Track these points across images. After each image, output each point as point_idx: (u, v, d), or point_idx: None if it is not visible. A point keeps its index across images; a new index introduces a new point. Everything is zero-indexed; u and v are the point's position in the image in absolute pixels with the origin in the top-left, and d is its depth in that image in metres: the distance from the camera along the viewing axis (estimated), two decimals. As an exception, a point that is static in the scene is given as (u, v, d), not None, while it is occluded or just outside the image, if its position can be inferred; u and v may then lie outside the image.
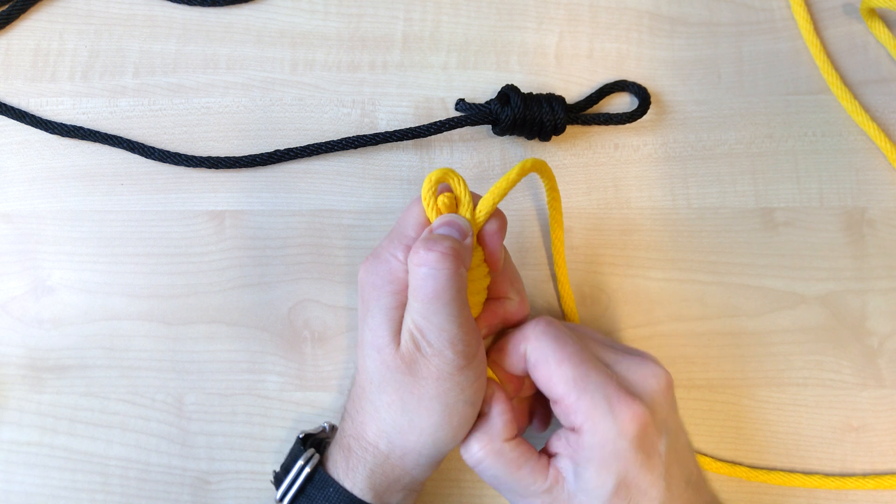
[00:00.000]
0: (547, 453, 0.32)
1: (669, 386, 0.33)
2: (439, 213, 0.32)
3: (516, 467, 0.31)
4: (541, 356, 0.32)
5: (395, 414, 0.32)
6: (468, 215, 0.32)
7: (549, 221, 0.40)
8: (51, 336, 0.41)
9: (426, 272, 0.30)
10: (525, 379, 0.35)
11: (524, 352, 0.33)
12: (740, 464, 0.40)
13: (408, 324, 0.31)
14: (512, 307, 0.34)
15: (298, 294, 0.41)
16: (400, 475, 0.32)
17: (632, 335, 0.41)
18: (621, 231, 0.42)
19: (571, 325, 0.36)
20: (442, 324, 0.30)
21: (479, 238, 0.33)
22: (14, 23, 0.44)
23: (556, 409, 0.32)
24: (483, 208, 0.32)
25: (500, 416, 0.32)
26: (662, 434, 0.31)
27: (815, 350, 0.41)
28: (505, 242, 0.35)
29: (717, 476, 0.40)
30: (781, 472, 0.40)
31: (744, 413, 0.41)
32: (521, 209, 0.42)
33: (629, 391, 0.31)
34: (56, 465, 0.39)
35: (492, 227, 0.33)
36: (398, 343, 0.31)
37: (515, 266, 0.36)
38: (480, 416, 0.32)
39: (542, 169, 0.35)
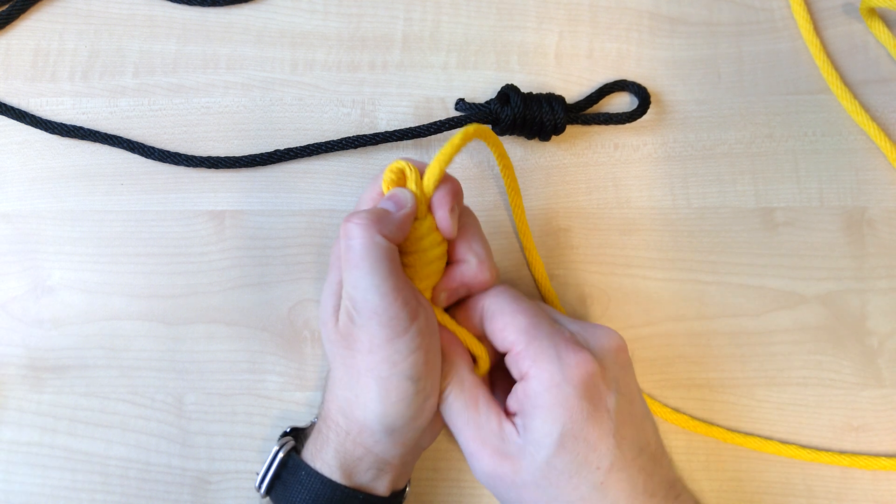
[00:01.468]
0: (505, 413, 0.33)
1: (622, 348, 0.33)
2: (391, 187, 0.33)
3: (475, 402, 0.32)
4: (497, 308, 0.33)
5: (343, 389, 0.32)
6: (413, 186, 0.33)
7: (506, 189, 0.40)
8: (51, 336, 0.41)
9: (344, 243, 0.31)
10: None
11: (482, 307, 0.34)
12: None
13: (343, 297, 0.32)
14: (469, 270, 0.34)
15: (298, 294, 0.41)
16: (363, 453, 0.33)
17: (632, 335, 0.41)
18: (621, 231, 0.42)
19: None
20: (364, 294, 0.30)
21: (430, 205, 0.33)
22: (14, 23, 0.44)
23: (508, 360, 0.33)
24: (430, 176, 0.33)
25: (458, 355, 0.33)
26: (612, 391, 0.31)
27: (815, 350, 0.41)
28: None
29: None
30: (776, 442, 0.40)
31: (744, 413, 0.41)
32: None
33: (578, 343, 0.32)
34: (56, 465, 0.39)
35: (438, 193, 0.33)
36: (334, 317, 0.32)
37: (482, 231, 0.36)
38: (442, 358, 0.33)
39: (486, 135, 0.35)
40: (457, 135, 0.33)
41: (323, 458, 0.33)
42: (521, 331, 0.32)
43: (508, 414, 0.33)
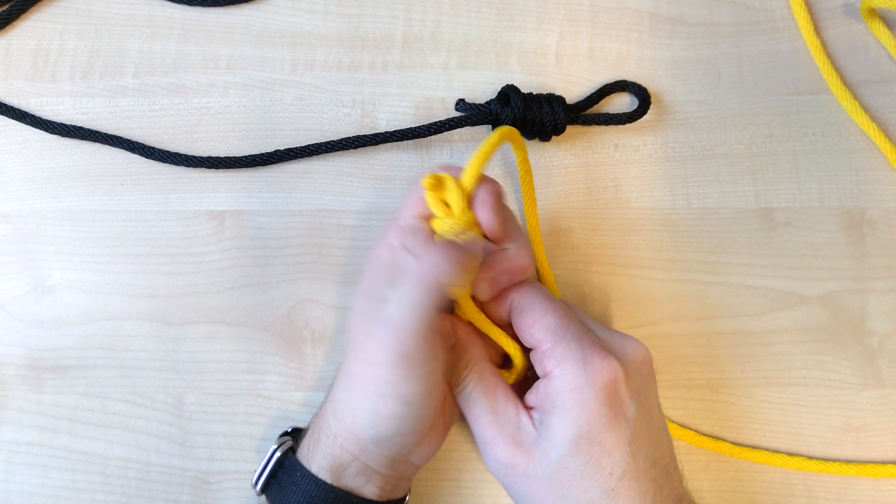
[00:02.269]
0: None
1: (648, 361, 0.33)
2: (432, 192, 0.33)
3: (494, 390, 0.33)
4: (527, 304, 0.33)
5: (341, 390, 0.33)
6: (455, 195, 0.33)
7: (522, 197, 0.40)
8: (51, 336, 0.41)
9: (414, 259, 0.31)
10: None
11: (511, 300, 0.34)
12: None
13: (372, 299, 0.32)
14: (509, 256, 0.34)
15: (298, 294, 0.41)
16: (349, 459, 0.33)
17: (632, 335, 0.41)
18: (621, 231, 0.42)
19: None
20: (399, 311, 0.30)
21: (472, 205, 0.33)
22: (14, 23, 0.44)
23: (533, 357, 0.33)
24: (471, 173, 0.33)
25: (478, 346, 0.34)
26: (633, 401, 0.31)
27: (815, 350, 0.41)
28: None
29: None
30: (783, 455, 0.40)
31: (744, 413, 0.41)
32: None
33: (605, 348, 0.32)
34: (56, 465, 0.39)
35: (481, 193, 0.33)
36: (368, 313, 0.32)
37: (518, 221, 0.36)
38: (462, 346, 0.33)
39: (515, 139, 0.36)
40: (494, 133, 0.33)
41: (316, 461, 0.33)
42: (549, 330, 0.32)
43: (526, 407, 0.33)
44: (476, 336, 0.34)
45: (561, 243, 0.42)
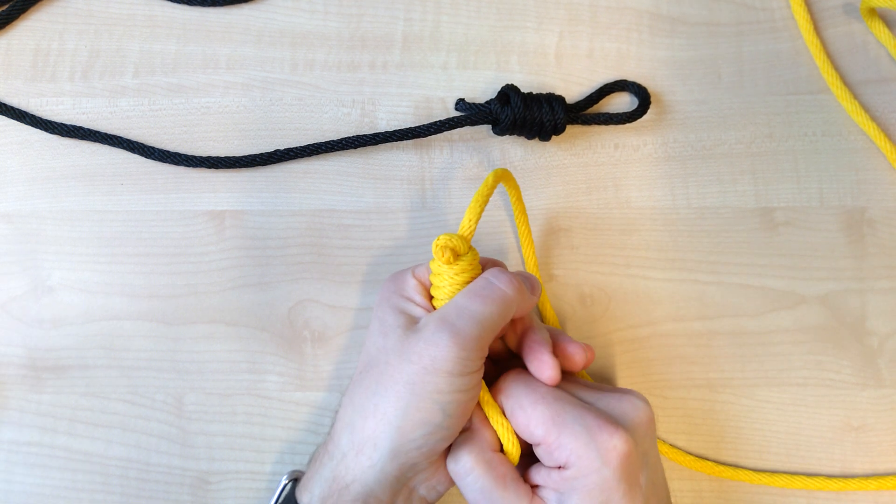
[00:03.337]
0: (529, 483, 0.33)
1: (651, 419, 0.33)
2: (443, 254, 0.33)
3: (503, 482, 0.32)
4: (515, 403, 0.33)
5: (364, 398, 0.32)
6: (457, 238, 0.33)
7: (519, 236, 0.41)
8: (51, 336, 0.41)
9: (495, 283, 0.32)
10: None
11: (500, 403, 0.33)
12: (742, 466, 0.40)
13: (434, 314, 0.32)
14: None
15: (298, 294, 0.41)
16: (351, 480, 0.32)
17: (632, 335, 0.41)
18: (621, 231, 0.42)
19: None
20: (468, 323, 0.31)
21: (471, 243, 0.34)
22: (14, 23, 0.44)
23: (539, 451, 0.32)
24: (470, 216, 0.34)
25: (484, 428, 0.33)
26: (643, 466, 0.31)
27: (815, 350, 0.41)
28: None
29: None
30: (783, 475, 0.40)
31: (744, 413, 0.41)
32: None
33: (610, 419, 0.31)
34: (56, 465, 0.39)
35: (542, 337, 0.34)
36: (405, 328, 0.32)
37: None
38: (465, 431, 0.33)
39: (508, 179, 0.37)
40: (489, 176, 0.35)
41: (310, 490, 0.33)
42: (547, 422, 0.31)
43: (532, 487, 0.32)
44: (481, 421, 0.33)
45: (561, 243, 0.42)
